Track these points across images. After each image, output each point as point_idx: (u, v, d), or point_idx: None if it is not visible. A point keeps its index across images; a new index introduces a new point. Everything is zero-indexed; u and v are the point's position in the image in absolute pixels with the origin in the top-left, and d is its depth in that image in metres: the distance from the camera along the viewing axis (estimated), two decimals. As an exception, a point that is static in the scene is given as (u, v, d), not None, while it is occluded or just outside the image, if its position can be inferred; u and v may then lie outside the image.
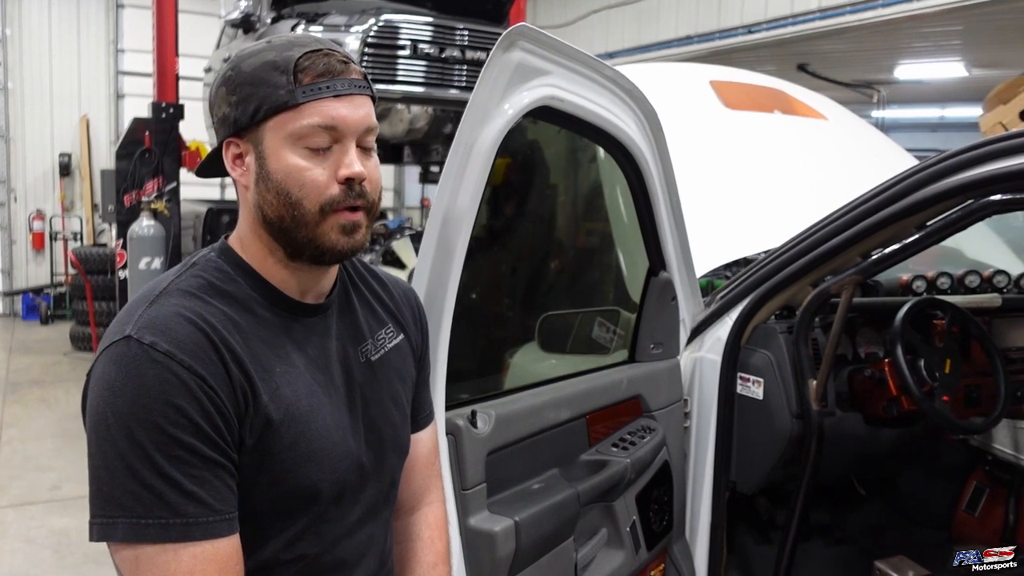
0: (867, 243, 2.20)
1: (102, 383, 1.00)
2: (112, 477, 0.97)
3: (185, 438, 0.98)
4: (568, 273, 2.78)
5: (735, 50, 8.74)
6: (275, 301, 1.13)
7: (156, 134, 6.61)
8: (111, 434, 0.98)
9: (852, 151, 3.66)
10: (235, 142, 1.12)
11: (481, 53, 6.34)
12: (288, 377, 1.10)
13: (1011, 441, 2.50)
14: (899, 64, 9.77)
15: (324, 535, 1.15)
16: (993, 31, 7.91)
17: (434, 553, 1.38)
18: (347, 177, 1.07)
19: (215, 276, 1.11)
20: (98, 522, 0.99)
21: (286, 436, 1.08)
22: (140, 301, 1.07)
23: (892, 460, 2.73)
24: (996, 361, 2.44)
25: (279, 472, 1.08)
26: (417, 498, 1.40)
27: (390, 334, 1.29)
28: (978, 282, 2.78)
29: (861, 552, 2.78)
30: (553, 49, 1.59)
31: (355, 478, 1.17)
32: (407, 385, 1.32)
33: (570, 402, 1.95)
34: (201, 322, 1.04)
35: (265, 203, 1.09)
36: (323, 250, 1.10)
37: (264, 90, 1.06)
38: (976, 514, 2.65)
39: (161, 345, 1.00)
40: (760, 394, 2.40)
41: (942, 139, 14.76)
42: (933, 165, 2.06)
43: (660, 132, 2.02)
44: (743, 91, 3.66)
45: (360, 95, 1.10)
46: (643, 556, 2.16)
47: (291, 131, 1.06)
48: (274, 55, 1.08)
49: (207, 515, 0.99)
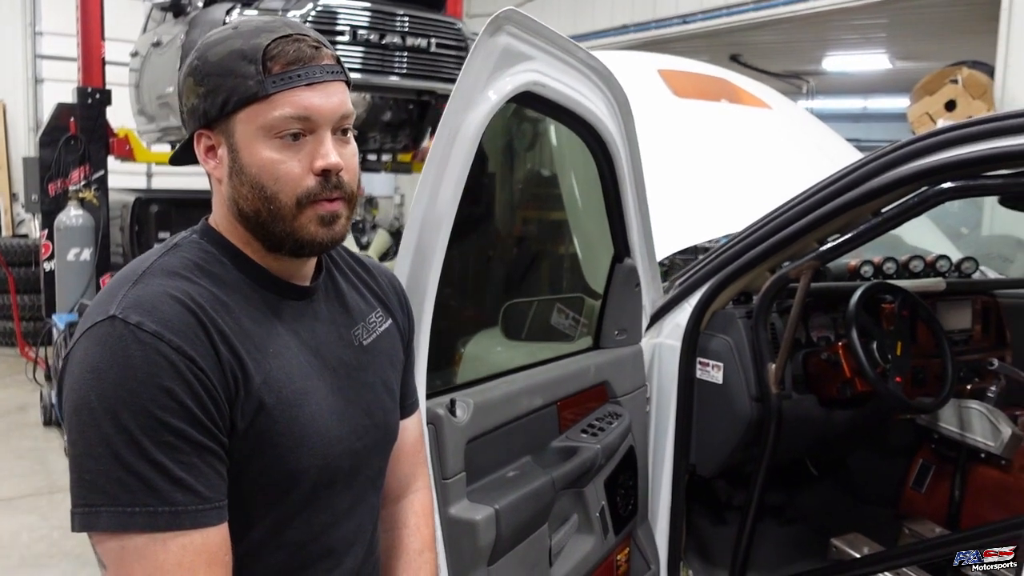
0: (824, 229, 2.25)
1: (84, 365, 0.96)
2: (96, 464, 0.93)
3: (174, 422, 0.94)
4: (527, 261, 2.77)
5: (670, 40, 8.84)
6: (263, 282, 1.10)
7: (82, 120, 6.38)
8: (95, 418, 0.93)
9: (796, 139, 3.74)
10: (206, 134, 1.08)
11: (421, 40, 6.26)
12: (281, 359, 1.07)
13: (956, 419, 2.60)
14: (827, 55, 10.03)
15: (313, 522, 1.13)
16: (916, 24, 8.18)
17: (420, 540, 1.37)
18: (323, 168, 1.04)
19: (200, 257, 1.08)
20: (80, 511, 0.94)
21: (279, 420, 1.04)
22: (122, 281, 1.03)
23: (844, 440, 2.82)
24: (944, 343, 2.53)
25: (271, 457, 1.05)
26: (403, 486, 1.38)
27: (380, 318, 1.27)
28: (922, 267, 2.87)
29: (814, 530, 2.86)
30: (538, 34, 1.58)
31: (346, 464, 1.15)
32: (397, 371, 1.30)
33: (543, 389, 1.96)
34: (189, 301, 1.00)
35: (240, 197, 1.06)
36: (302, 243, 1.07)
37: (232, 81, 1.02)
38: (923, 490, 2.75)
39: (148, 325, 0.96)
40: (720, 378, 2.45)
41: (864, 129, 15.20)
42: (889, 153, 2.12)
43: (631, 119, 2.03)
44: (691, 80, 3.70)
45: (334, 81, 1.06)
46: (611, 541, 2.18)
47: (263, 123, 1.03)
48: (241, 43, 1.04)
49: (197, 503, 0.96)
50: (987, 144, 1.94)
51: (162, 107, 7.28)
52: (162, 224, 7.46)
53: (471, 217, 2.66)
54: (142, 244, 7.57)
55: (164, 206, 7.52)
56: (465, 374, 1.84)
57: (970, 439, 2.57)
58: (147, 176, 10.83)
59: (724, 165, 3.42)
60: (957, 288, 2.86)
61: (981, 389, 2.73)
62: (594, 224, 2.57)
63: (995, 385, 2.67)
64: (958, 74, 6.06)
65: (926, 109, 6.16)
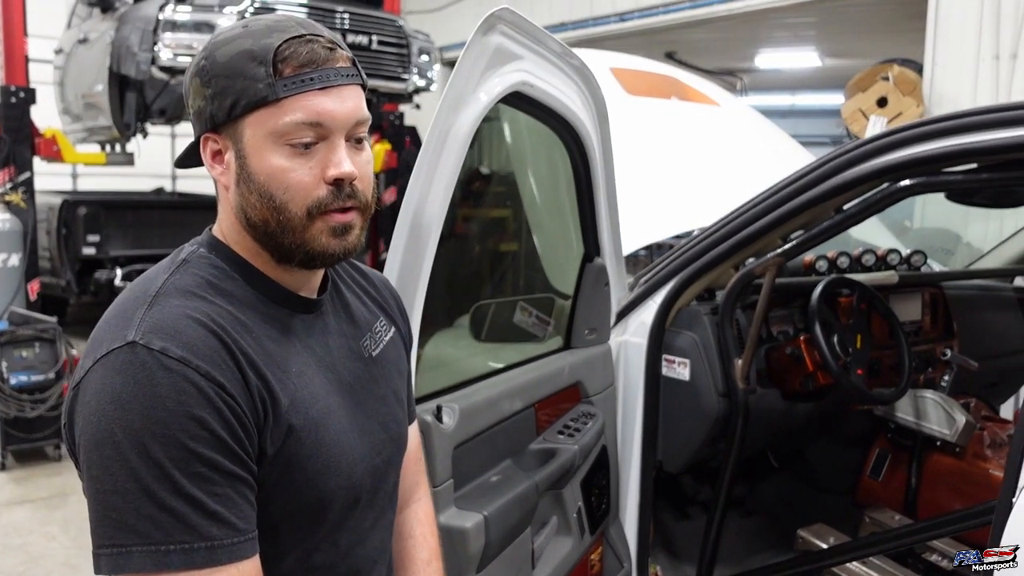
0: (788, 226, 2.29)
1: (104, 396, 0.90)
2: (124, 501, 0.88)
3: (206, 453, 0.90)
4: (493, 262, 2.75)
5: (607, 38, 8.91)
6: (276, 298, 1.06)
7: (6, 120, 6.15)
8: (121, 453, 0.88)
9: (745, 136, 3.80)
10: (213, 138, 1.02)
11: (362, 37, 6.20)
12: (304, 379, 1.03)
13: (912, 409, 2.68)
14: (759, 53, 10.24)
15: (340, 544, 1.10)
16: (845, 23, 8.41)
17: (428, 550, 1.34)
18: (336, 178, 0.99)
19: (211, 273, 1.02)
20: (108, 552, 0.89)
21: (307, 442, 1.01)
22: (134, 303, 0.97)
23: (804, 432, 2.87)
24: (900, 335, 2.60)
25: (300, 482, 1.01)
26: (407, 496, 1.35)
27: (384, 327, 1.23)
28: (873, 260, 2.94)
29: (777, 521, 2.91)
30: (528, 34, 1.57)
31: (368, 482, 1.11)
32: (404, 380, 1.27)
33: (521, 391, 1.94)
34: (212, 324, 0.95)
35: (248, 205, 1.01)
36: (314, 255, 1.02)
37: (241, 83, 0.97)
38: (880, 479, 2.82)
39: (173, 351, 0.91)
40: (686, 375, 2.47)
41: (792, 125, 15.56)
42: (851, 151, 2.17)
43: (606, 120, 2.03)
44: (641, 78, 3.73)
45: (349, 85, 1.01)
46: (586, 541, 2.18)
47: (272, 128, 0.97)
48: (251, 43, 0.98)
49: (232, 536, 0.92)
50: (945, 141, 1.99)
51: (88, 106, 7.05)
52: (91, 227, 7.21)
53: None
54: (70, 248, 7.32)
55: (93, 208, 7.28)
56: (446, 379, 1.81)
57: (926, 428, 2.64)
58: (72, 177, 10.48)
59: (677, 163, 3.46)
60: (908, 281, 2.94)
61: (933, 379, 2.82)
62: (559, 224, 2.57)
63: (947, 374, 2.75)
64: (889, 71, 6.24)
65: (859, 105, 6.32)
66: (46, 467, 4.85)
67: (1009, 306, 3.28)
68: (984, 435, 2.65)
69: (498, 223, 3.12)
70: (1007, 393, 3.49)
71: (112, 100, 6.35)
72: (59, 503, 4.33)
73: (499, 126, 2.53)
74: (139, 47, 5.84)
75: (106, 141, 7.35)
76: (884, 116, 6.13)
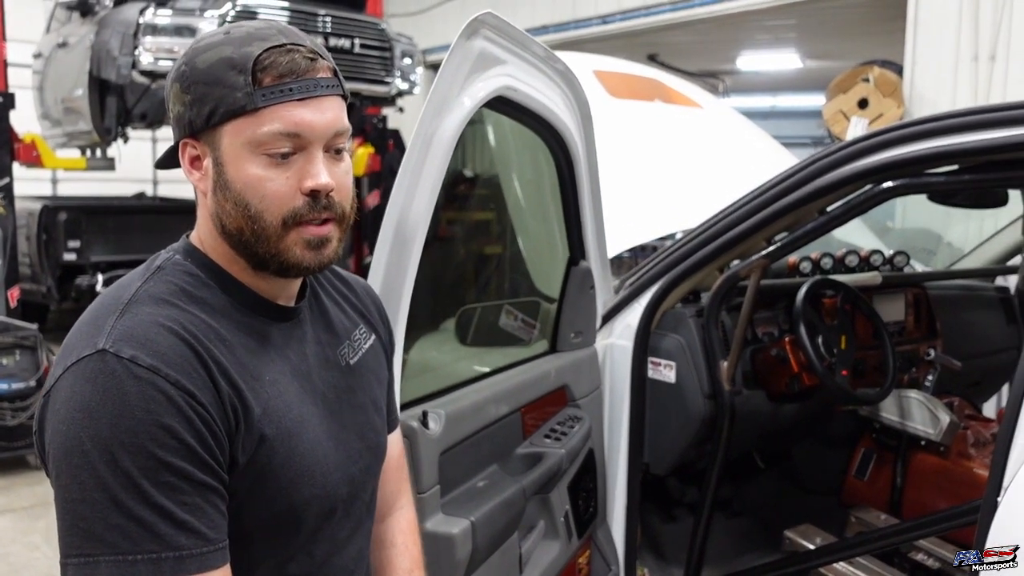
0: (772, 228, 2.29)
1: (73, 404, 0.90)
2: (92, 510, 0.88)
3: (176, 462, 0.90)
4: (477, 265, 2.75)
5: (589, 40, 8.92)
6: (252, 305, 1.05)
7: (-16, 125, 6.05)
8: (89, 462, 0.88)
9: (729, 138, 3.81)
10: (191, 144, 1.02)
11: (344, 40, 6.18)
12: (277, 387, 1.02)
13: (897, 409, 2.69)
14: (741, 55, 10.29)
15: (315, 554, 1.09)
16: (825, 25, 8.46)
17: (410, 559, 1.34)
18: (312, 189, 0.99)
19: (186, 281, 1.02)
20: (75, 562, 0.89)
21: (280, 452, 1.00)
22: (105, 310, 0.97)
23: (790, 433, 2.88)
24: (884, 335, 2.61)
25: (272, 491, 1.00)
26: (388, 504, 1.34)
27: (363, 335, 1.23)
28: (856, 261, 2.96)
29: (763, 522, 2.92)
30: (512, 38, 1.57)
31: (344, 491, 1.11)
32: (383, 388, 1.27)
33: (508, 396, 1.94)
34: (184, 332, 0.95)
35: (224, 213, 1.00)
36: (288, 266, 1.02)
37: (220, 91, 0.97)
38: (865, 479, 2.83)
39: (143, 359, 0.90)
40: (672, 377, 2.47)
41: (773, 126, 15.62)
42: (834, 153, 2.18)
43: (590, 124, 2.03)
44: (625, 80, 3.73)
45: (329, 96, 1.00)
46: (574, 544, 2.17)
47: (250, 138, 0.97)
48: (231, 50, 0.98)
49: (202, 546, 0.91)
50: (928, 143, 2.00)
51: (68, 111, 6.99)
52: (71, 233, 7.15)
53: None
54: (50, 254, 7.26)
55: (73, 214, 7.21)
56: (432, 384, 1.80)
57: (910, 427, 2.66)
58: (52, 182, 10.39)
59: (660, 165, 3.46)
60: (891, 281, 2.96)
61: (917, 378, 2.83)
62: (544, 228, 2.56)
63: (931, 374, 2.77)
64: (869, 73, 6.28)
65: (840, 107, 6.36)
66: (28, 476, 4.79)
67: (991, 306, 3.31)
68: (968, 434, 2.67)
69: (483, 227, 3.12)
70: (989, 392, 3.51)
71: (92, 105, 6.30)
72: (41, 512, 4.28)
73: (483, 130, 2.53)
74: (119, 51, 5.80)
75: (86, 146, 7.30)
76: (865, 117, 6.18)
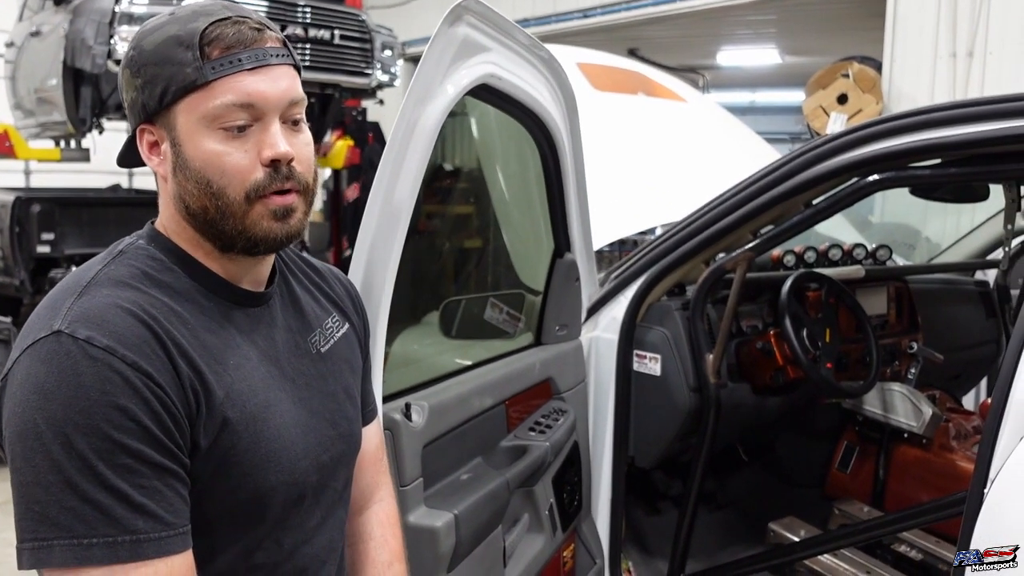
0: (758, 221, 2.29)
1: (28, 386, 0.88)
2: (46, 493, 0.85)
3: (132, 444, 0.87)
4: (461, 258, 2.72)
5: (570, 34, 8.89)
6: (217, 289, 1.03)
7: (-45, 115, 5.95)
8: (43, 444, 0.86)
9: (712, 132, 3.81)
10: (148, 129, 1.01)
11: (324, 31, 6.10)
12: (242, 371, 1.01)
13: (879, 402, 2.70)
14: (721, 50, 10.30)
15: (283, 542, 1.07)
16: (804, 21, 8.48)
17: (389, 552, 1.32)
18: (272, 159, 0.98)
19: (149, 265, 1.00)
20: (29, 546, 0.86)
21: (244, 436, 0.98)
22: (64, 292, 0.95)
23: (774, 426, 2.88)
24: (868, 328, 2.61)
25: (237, 477, 0.98)
26: (366, 496, 1.32)
27: (336, 323, 1.21)
28: (840, 254, 2.96)
29: (747, 515, 2.92)
30: (496, 25, 1.54)
31: (315, 479, 1.09)
32: (357, 377, 1.25)
33: (492, 388, 1.92)
34: (142, 313, 0.93)
35: (186, 194, 0.99)
36: (256, 240, 1.00)
37: (169, 69, 0.96)
38: (848, 471, 2.84)
39: (99, 340, 0.88)
40: (657, 370, 2.46)
41: (752, 121, 15.65)
42: (820, 147, 2.17)
43: (575, 114, 2.01)
44: (608, 73, 3.72)
45: (280, 65, 1.00)
46: (558, 538, 2.16)
47: (204, 112, 0.96)
48: (177, 28, 0.97)
49: (159, 530, 0.89)
50: (913, 137, 2.00)
51: (41, 101, 6.87)
52: (45, 225, 7.02)
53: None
54: (23, 247, 7.13)
55: (47, 206, 7.08)
56: (415, 376, 1.77)
57: (893, 420, 2.67)
58: (25, 174, 10.23)
59: (644, 159, 3.45)
60: (874, 275, 2.96)
61: (899, 371, 2.84)
62: (528, 219, 2.54)
63: (914, 367, 2.78)
64: (849, 69, 6.30)
65: (820, 102, 6.38)
66: (3, 472, 4.71)
67: (971, 299, 3.33)
68: (950, 427, 2.68)
69: (467, 218, 3.09)
70: (968, 385, 3.54)
71: (66, 95, 6.20)
72: (14, 508, 4.21)
73: (467, 120, 2.50)
74: (94, 40, 5.70)
75: (60, 137, 7.18)
76: (844, 113, 6.20)
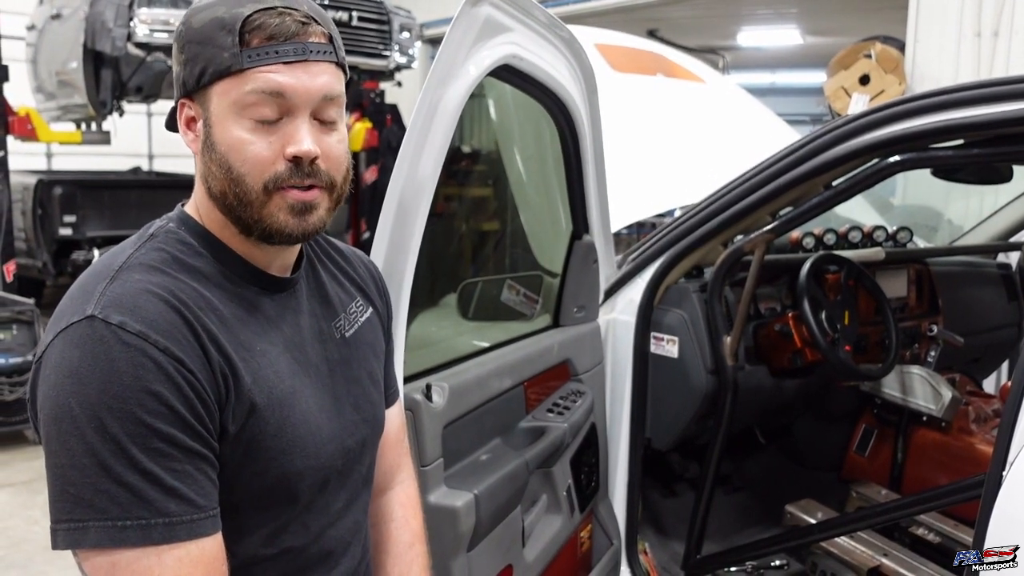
0: (778, 202, 2.28)
1: (62, 370, 0.89)
2: (81, 476, 0.87)
3: (164, 428, 0.89)
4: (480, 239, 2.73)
5: (588, 15, 8.83)
6: (245, 275, 1.04)
7: (-22, 99, 5.99)
8: (78, 427, 0.87)
9: (732, 113, 3.78)
10: (187, 104, 1.01)
11: (342, 13, 6.12)
12: (269, 357, 1.01)
13: (898, 385, 2.69)
14: (741, 31, 10.21)
15: (310, 525, 1.08)
16: (826, 1, 8.39)
17: (410, 533, 1.33)
18: (294, 155, 0.97)
19: (179, 249, 1.01)
20: (64, 527, 0.88)
21: (271, 422, 0.99)
22: (96, 276, 0.96)
23: (791, 408, 2.88)
24: (887, 311, 2.60)
25: (264, 461, 0.99)
26: (388, 478, 1.34)
27: (360, 308, 1.22)
28: (860, 237, 2.94)
29: (764, 497, 2.92)
30: (517, 5, 1.54)
31: (340, 463, 1.10)
32: (380, 360, 1.25)
33: (511, 370, 1.93)
34: (173, 299, 0.94)
35: (210, 175, 0.99)
36: (271, 232, 1.00)
37: (209, 50, 0.96)
38: (866, 454, 2.84)
39: (131, 325, 0.89)
40: (675, 352, 2.46)
41: (772, 103, 15.51)
42: (840, 127, 2.15)
43: (595, 95, 2.00)
44: (627, 54, 3.70)
45: (319, 61, 0.98)
46: (576, 518, 2.17)
47: (235, 99, 0.96)
48: (224, 11, 0.97)
49: (191, 512, 0.90)
50: (935, 117, 1.98)
51: (62, 84, 6.91)
52: (67, 207, 7.09)
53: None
54: (46, 229, 7.21)
55: (69, 188, 7.15)
56: (435, 357, 1.79)
57: (912, 403, 2.66)
58: (47, 156, 10.31)
59: (663, 140, 3.44)
60: (894, 257, 2.94)
61: (919, 354, 2.83)
62: (547, 201, 2.54)
63: (933, 350, 2.76)
64: (871, 49, 6.22)
65: (841, 83, 6.31)
66: (26, 451, 4.79)
67: (992, 282, 3.30)
68: (969, 410, 2.67)
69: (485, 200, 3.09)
70: (990, 368, 3.51)
71: (87, 77, 6.24)
72: (40, 487, 4.26)
73: (484, 101, 2.50)
74: (114, 23, 5.73)
75: (81, 119, 7.23)
76: (866, 94, 6.13)
